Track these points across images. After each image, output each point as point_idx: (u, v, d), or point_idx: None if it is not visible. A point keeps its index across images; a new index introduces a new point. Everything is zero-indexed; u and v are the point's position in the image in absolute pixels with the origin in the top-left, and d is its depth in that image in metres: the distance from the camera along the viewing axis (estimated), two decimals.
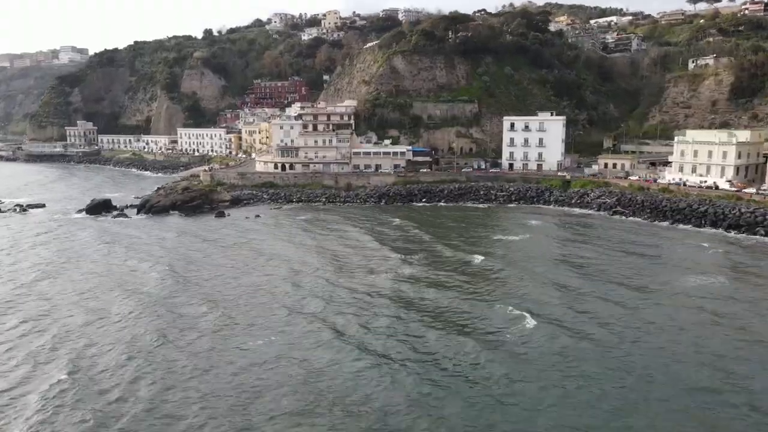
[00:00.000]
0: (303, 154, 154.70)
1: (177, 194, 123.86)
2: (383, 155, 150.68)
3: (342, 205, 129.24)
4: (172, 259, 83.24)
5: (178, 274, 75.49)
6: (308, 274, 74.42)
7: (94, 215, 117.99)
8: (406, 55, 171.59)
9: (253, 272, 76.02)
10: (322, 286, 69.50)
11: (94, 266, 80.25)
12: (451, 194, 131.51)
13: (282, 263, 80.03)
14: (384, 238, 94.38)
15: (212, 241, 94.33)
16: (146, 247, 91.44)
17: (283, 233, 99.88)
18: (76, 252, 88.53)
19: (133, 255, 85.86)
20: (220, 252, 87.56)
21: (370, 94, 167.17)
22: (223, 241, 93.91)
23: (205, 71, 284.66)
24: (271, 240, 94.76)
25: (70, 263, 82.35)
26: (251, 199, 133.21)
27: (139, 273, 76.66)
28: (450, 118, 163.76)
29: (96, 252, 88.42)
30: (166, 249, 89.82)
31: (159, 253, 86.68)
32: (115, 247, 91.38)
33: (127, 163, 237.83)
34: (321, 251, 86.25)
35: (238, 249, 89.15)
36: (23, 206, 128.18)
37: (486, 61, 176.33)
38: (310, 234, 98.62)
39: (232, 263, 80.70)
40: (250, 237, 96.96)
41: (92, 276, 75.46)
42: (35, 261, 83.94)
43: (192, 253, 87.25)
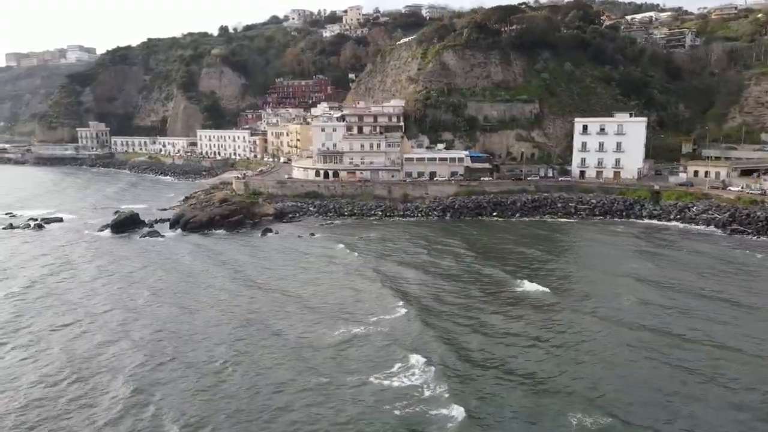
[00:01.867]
0: (348, 159, 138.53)
1: (214, 207, 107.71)
2: (439, 161, 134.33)
3: (401, 220, 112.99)
4: (251, 307, 64.92)
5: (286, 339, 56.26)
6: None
7: (120, 233, 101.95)
8: (457, 50, 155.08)
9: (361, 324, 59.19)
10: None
11: (155, 322, 61.03)
12: (525, 207, 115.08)
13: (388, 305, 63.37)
14: (489, 269, 78.00)
15: (276, 274, 77.36)
16: (207, 283, 73.78)
17: (356, 261, 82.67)
18: (113, 296, 71.06)
19: (198, 296, 68.68)
20: (299, 288, 70.43)
21: (419, 93, 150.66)
22: (290, 275, 76.13)
23: (225, 69, 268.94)
24: (352, 275, 75.91)
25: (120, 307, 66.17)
26: (296, 212, 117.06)
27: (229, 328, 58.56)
28: (508, 119, 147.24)
29: (148, 290, 70.59)
30: (233, 292, 69.93)
31: (230, 296, 68.58)
32: (166, 280, 74.65)
33: (144, 167, 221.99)
34: (429, 291, 68.46)
35: (320, 291, 69.58)
36: (39, 221, 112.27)
37: (543, 56, 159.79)
38: (390, 262, 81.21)
39: (323, 317, 61.21)
40: (319, 268, 79.28)
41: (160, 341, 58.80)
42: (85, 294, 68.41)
43: (271, 299, 67.62)
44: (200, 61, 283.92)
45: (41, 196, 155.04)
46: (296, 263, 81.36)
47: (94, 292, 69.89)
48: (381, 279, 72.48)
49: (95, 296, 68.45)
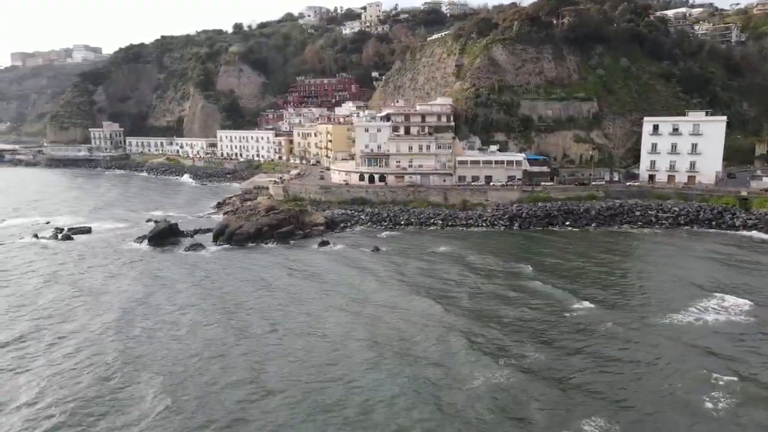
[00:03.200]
0: (395, 162, 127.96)
1: (261, 216, 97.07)
2: (495, 165, 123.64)
3: (465, 230, 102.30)
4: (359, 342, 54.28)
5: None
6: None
7: (158, 245, 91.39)
8: (507, 45, 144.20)
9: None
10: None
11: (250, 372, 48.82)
12: (600, 216, 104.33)
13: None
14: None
15: (360, 297, 66.66)
16: (283, 311, 62.77)
17: (438, 285, 71.39)
18: (187, 333, 59.38)
19: (280, 330, 57.57)
20: (396, 320, 59.54)
21: (467, 91, 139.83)
22: (381, 304, 64.22)
23: (243, 67, 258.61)
24: (445, 305, 63.14)
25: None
26: (348, 221, 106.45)
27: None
28: (565, 119, 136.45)
29: (223, 327, 58.97)
30: (324, 334, 57.09)
31: (318, 324, 58.10)
32: (238, 311, 63.20)
33: (163, 170, 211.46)
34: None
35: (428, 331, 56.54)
36: (65, 231, 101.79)
37: (597, 51, 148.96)
38: (479, 289, 70.05)
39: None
40: (407, 296, 67.24)
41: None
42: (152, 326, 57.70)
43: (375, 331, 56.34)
44: (217, 59, 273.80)
45: (60, 202, 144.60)
46: (377, 286, 70.48)
47: (159, 326, 59.05)
48: (477, 313, 61.65)
49: (161, 331, 57.79)
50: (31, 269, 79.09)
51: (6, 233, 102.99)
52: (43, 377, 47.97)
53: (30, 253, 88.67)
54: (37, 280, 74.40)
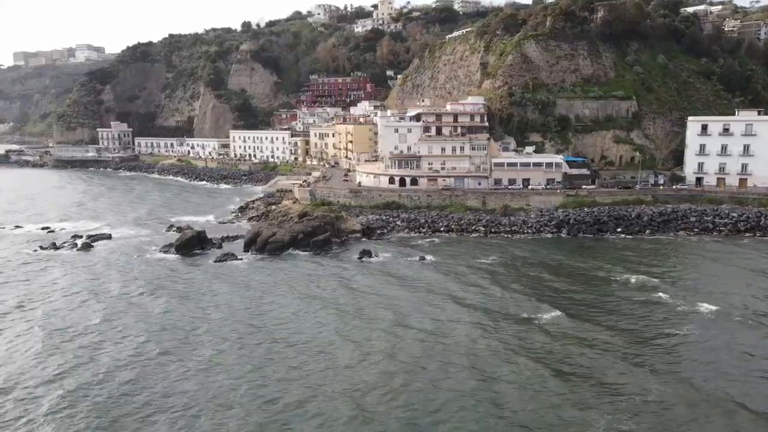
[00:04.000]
0: (426, 164, 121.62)
1: (294, 223, 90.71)
2: (533, 167, 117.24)
3: (510, 237, 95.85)
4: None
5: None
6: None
7: (187, 254, 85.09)
8: (540, 41, 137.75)
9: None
10: None
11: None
12: (653, 222, 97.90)
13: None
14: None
15: (425, 325, 59.98)
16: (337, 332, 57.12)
17: (503, 301, 65.15)
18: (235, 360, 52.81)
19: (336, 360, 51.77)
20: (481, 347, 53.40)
21: (500, 90, 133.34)
22: (447, 329, 57.27)
23: (255, 66, 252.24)
24: (521, 327, 57.09)
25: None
26: (384, 228, 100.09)
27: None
28: (603, 119, 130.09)
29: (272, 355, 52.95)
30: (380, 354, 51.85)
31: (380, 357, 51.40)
32: (283, 334, 57.02)
33: (175, 171, 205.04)
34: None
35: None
36: (85, 239, 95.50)
37: (632, 47, 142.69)
38: (555, 304, 63.66)
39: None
40: (468, 314, 61.11)
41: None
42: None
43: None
44: (227, 58, 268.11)
45: (73, 205, 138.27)
46: (437, 305, 63.99)
47: (224, 359, 52.50)
48: (564, 334, 55.37)
49: (226, 366, 51.26)
50: (58, 286, 72.54)
51: (22, 242, 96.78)
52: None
53: (52, 265, 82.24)
54: (67, 298, 67.85)
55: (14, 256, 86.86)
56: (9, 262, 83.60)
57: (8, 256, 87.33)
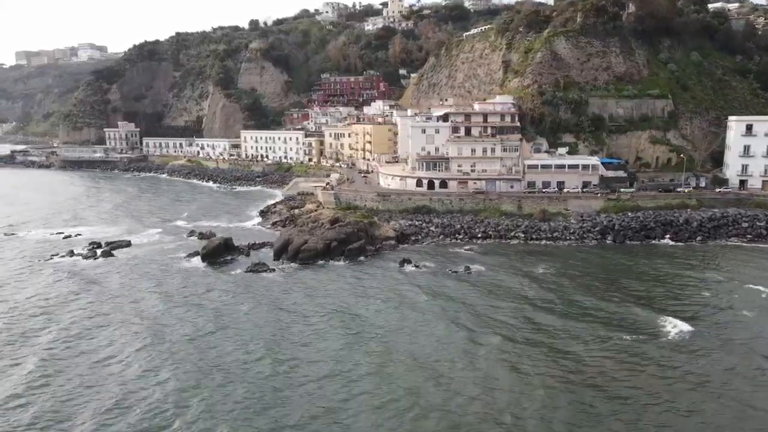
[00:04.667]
0: (456, 166, 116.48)
1: (326, 230, 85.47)
2: (569, 169, 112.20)
3: (553, 244, 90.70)
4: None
5: None
6: None
7: (214, 264, 79.99)
8: (570, 38, 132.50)
9: None
10: None
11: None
12: (703, 228, 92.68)
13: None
14: None
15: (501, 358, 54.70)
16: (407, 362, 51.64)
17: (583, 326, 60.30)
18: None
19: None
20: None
21: (529, 88, 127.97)
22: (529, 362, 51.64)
23: (266, 64, 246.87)
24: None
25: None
26: (418, 233, 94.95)
27: None
28: (638, 118, 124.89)
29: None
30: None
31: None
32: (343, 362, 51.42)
33: (185, 172, 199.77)
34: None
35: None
36: (102, 246, 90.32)
37: (665, 44, 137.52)
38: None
39: None
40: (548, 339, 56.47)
41: None
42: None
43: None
44: (236, 56, 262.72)
45: (85, 208, 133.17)
46: (506, 322, 59.07)
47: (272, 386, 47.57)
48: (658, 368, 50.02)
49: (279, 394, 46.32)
50: (80, 299, 67.41)
51: (36, 249, 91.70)
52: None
53: (71, 275, 77.16)
54: (92, 316, 62.46)
55: (32, 266, 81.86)
56: (28, 274, 78.54)
57: (26, 265, 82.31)
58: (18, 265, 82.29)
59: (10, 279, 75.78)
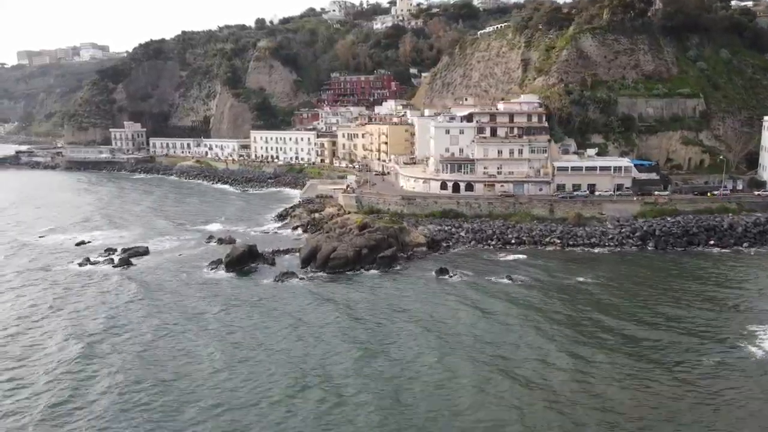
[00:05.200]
0: (481, 168, 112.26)
1: (355, 236, 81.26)
2: (600, 171, 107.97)
3: (591, 251, 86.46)
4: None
5: None
6: None
7: (239, 273, 75.85)
8: (597, 35, 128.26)
9: None
10: None
11: None
12: (748, 233, 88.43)
13: None
14: None
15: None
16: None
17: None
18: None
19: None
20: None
21: (557, 88, 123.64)
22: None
23: (274, 63, 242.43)
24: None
25: None
26: (449, 239, 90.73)
27: None
28: (668, 118, 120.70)
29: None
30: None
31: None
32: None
33: (195, 173, 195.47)
34: None
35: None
36: (119, 252, 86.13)
37: (693, 42, 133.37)
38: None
39: None
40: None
41: None
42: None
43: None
44: (243, 55, 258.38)
45: (96, 212, 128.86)
46: (558, 342, 54.82)
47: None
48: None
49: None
50: (99, 317, 62.66)
51: (51, 256, 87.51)
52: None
53: (89, 285, 73.04)
54: (122, 337, 57.71)
55: (49, 275, 77.67)
56: (46, 283, 74.21)
57: (43, 275, 78.02)
58: (31, 275, 78.02)
59: (24, 290, 71.54)
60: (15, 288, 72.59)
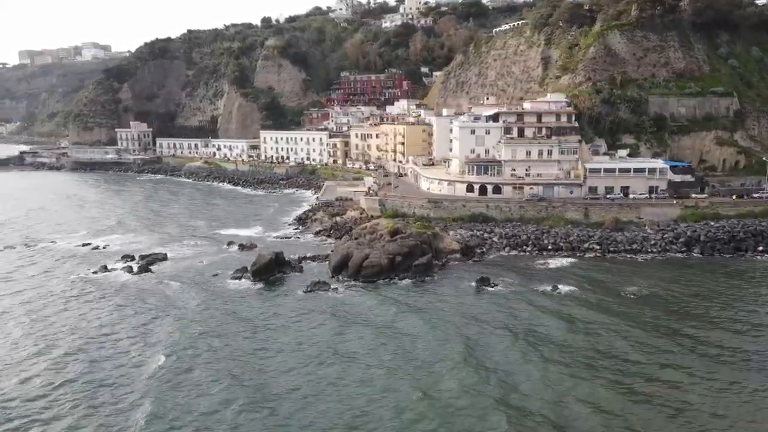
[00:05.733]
0: (509, 170, 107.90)
1: (387, 243, 76.83)
2: (634, 173, 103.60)
3: (634, 258, 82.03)
4: None
5: None
6: None
7: (266, 282, 71.52)
8: (625, 32, 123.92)
9: None
10: None
11: None
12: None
13: None
14: None
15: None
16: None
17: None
18: None
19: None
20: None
21: (585, 86, 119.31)
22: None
23: (283, 62, 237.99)
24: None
25: None
26: (482, 245, 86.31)
27: None
28: (701, 118, 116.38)
29: None
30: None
31: None
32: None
33: (204, 174, 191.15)
34: None
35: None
36: (137, 259, 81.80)
37: (723, 39, 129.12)
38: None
39: None
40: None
41: None
42: None
43: None
44: (250, 54, 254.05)
45: (107, 215, 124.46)
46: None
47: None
48: None
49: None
50: (121, 331, 58.33)
51: (65, 263, 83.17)
52: None
53: (108, 296, 68.55)
54: (153, 358, 52.80)
55: (65, 284, 73.28)
56: (65, 294, 69.59)
57: (59, 283, 73.58)
58: (48, 283, 73.64)
59: (42, 302, 66.97)
60: (33, 299, 68.00)
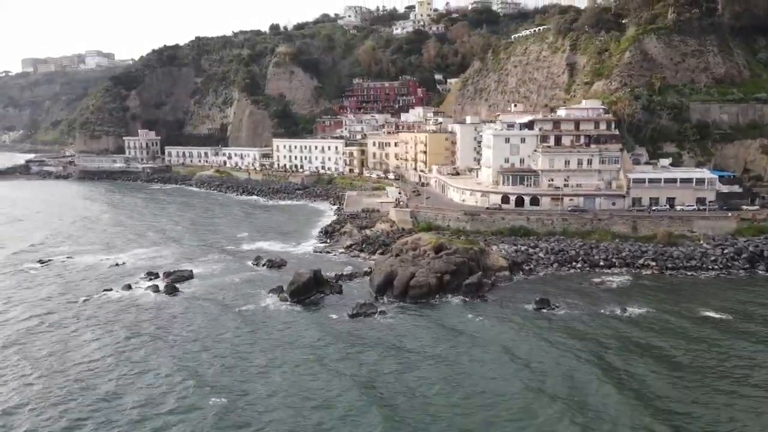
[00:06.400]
0: (546, 180, 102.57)
1: (432, 259, 71.30)
2: (681, 184, 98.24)
3: (695, 275, 76.45)
4: None
5: None
6: None
7: (305, 304, 65.96)
8: (662, 36, 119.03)
9: None
10: None
11: None
12: None
13: None
14: None
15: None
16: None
17: None
18: None
19: None
20: None
21: (623, 93, 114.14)
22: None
23: (295, 69, 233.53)
24: None
25: None
26: (528, 262, 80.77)
27: None
28: (744, 125, 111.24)
29: None
30: None
31: None
32: None
33: (216, 184, 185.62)
34: None
35: None
36: (161, 277, 76.24)
37: (761, 44, 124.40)
38: None
39: None
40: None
41: None
42: None
43: None
44: (260, 61, 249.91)
45: (121, 228, 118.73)
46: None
47: None
48: None
49: None
50: (153, 361, 52.79)
51: (87, 281, 77.43)
52: None
53: (143, 320, 62.79)
54: (192, 401, 46.99)
55: (91, 308, 67.24)
56: (89, 319, 63.72)
57: (82, 307, 67.47)
58: (73, 307, 67.62)
59: (71, 330, 60.80)
60: (58, 324, 62.17)
